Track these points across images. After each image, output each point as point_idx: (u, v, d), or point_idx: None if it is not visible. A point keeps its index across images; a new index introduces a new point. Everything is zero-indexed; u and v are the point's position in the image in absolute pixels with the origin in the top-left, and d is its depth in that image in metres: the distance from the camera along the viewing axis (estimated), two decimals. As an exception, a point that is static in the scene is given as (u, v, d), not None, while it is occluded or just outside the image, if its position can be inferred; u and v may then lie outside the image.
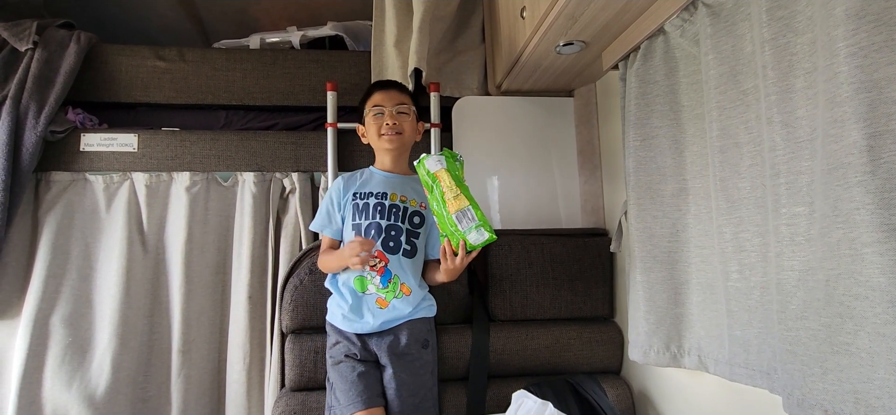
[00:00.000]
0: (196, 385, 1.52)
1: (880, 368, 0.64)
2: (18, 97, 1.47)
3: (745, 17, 0.92)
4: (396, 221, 1.26)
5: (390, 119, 1.29)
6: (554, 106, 1.68)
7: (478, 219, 1.11)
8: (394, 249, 1.24)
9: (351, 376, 1.19)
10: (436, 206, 1.15)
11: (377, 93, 1.33)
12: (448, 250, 1.15)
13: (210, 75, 1.65)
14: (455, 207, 1.11)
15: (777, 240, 0.81)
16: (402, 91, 1.36)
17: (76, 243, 1.50)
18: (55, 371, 1.42)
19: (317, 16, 2.03)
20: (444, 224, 1.14)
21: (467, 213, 1.11)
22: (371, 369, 1.22)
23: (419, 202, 1.30)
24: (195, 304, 1.53)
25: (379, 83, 1.38)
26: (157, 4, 2.08)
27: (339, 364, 1.22)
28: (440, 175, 1.14)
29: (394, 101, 1.31)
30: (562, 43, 1.27)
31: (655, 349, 1.15)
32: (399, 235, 1.25)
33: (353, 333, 1.23)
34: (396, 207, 1.27)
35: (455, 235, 1.13)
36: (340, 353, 1.23)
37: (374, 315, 1.22)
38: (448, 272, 1.18)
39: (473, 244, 1.12)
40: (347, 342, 1.23)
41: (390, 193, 1.28)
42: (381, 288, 1.23)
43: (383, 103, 1.30)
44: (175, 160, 1.57)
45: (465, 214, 1.11)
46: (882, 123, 0.64)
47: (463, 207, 1.11)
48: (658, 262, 1.14)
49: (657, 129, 1.15)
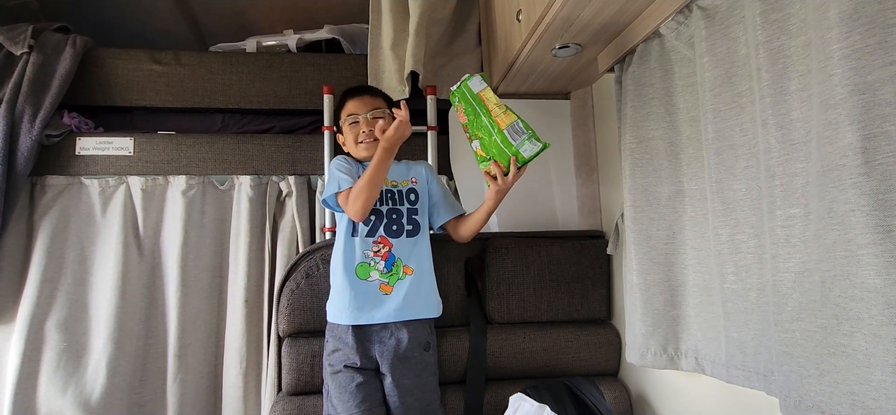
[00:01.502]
0: (192, 390, 1.51)
1: (877, 369, 0.65)
2: (14, 101, 1.47)
3: (739, 20, 0.92)
4: (395, 205, 1.28)
5: (366, 126, 1.31)
6: (550, 109, 1.68)
7: (527, 131, 1.09)
8: (397, 233, 1.25)
9: (350, 386, 1.18)
10: (481, 128, 1.12)
11: (350, 101, 1.35)
12: (497, 171, 1.14)
13: (206, 79, 1.65)
14: (506, 121, 1.10)
15: (773, 242, 0.81)
16: (375, 95, 1.39)
17: (71, 248, 1.49)
18: (50, 376, 1.41)
19: (313, 19, 2.03)
20: (491, 144, 1.12)
21: (516, 126, 1.09)
22: (371, 378, 1.22)
23: (410, 178, 1.32)
24: (191, 308, 1.52)
25: (350, 91, 1.39)
26: (154, 8, 2.08)
27: (337, 374, 1.21)
28: (485, 95, 1.12)
29: (367, 106, 1.33)
30: (558, 46, 1.28)
31: (652, 351, 1.15)
32: (400, 217, 1.27)
33: (355, 325, 1.21)
34: (391, 191, 1.29)
35: (505, 153, 1.11)
36: (339, 362, 1.22)
37: (378, 306, 1.21)
38: (499, 193, 1.17)
39: (526, 157, 1.10)
40: (347, 349, 1.21)
41: None
42: (385, 273, 1.23)
43: (357, 111, 1.33)
44: (171, 164, 1.56)
45: (515, 128, 1.09)
46: (876, 125, 0.64)
47: (512, 120, 1.09)
48: (655, 264, 1.15)
49: (653, 131, 1.15)
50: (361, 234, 1.24)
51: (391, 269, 1.23)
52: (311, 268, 1.36)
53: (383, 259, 1.23)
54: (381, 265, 1.23)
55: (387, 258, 1.23)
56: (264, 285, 1.55)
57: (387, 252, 1.23)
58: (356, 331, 1.22)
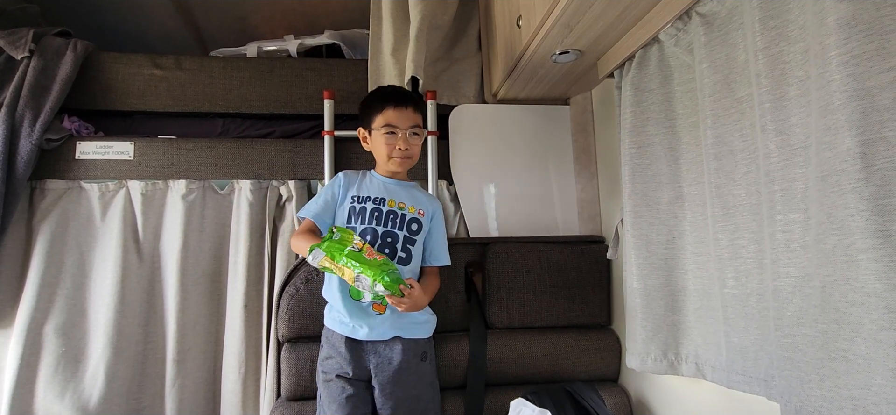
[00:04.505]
0: (191, 395, 1.51)
1: (877, 374, 0.65)
2: (14, 105, 1.47)
3: (738, 27, 0.93)
4: (393, 228, 1.25)
5: (404, 143, 1.24)
6: (550, 114, 1.69)
7: (371, 276, 1.08)
8: (389, 256, 1.22)
9: (340, 397, 1.18)
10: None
11: (392, 110, 1.24)
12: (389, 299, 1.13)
13: (207, 83, 1.65)
14: (350, 279, 1.10)
15: (773, 246, 0.81)
16: (418, 109, 1.28)
17: (71, 252, 1.49)
18: (48, 381, 1.40)
19: (314, 24, 2.04)
20: None
21: (360, 279, 1.09)
22: (361, 390, 1.21)
23: (418, 209, 1.29)
24: (190, 313, 1.52)
25: (394, 98, 1.26)
26: (155, 13, 2.09)
27: (329, 382, 1.21)
28: (325, 266, 1.12)
29: (409, 122, 1.25)
30: (558, 51, 1.28)
31: (653, 357, 1.15)
32: (395, 242, 1.24)
33: (349, 338, 1.20)
34: (394, 213, 1.26)
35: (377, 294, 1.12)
36: (332, 370, 1.21)
37: (371, 325, 1.20)
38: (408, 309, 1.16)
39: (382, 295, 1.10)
40: (340, 358, 1.21)
41: (389, 199, 1.27)
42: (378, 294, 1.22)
43: (398, 124, 1.24)
44: (171, 168, 1.56)
45: (359, 281, 1.09)
46: (875, 131, 0.64)
47: (353, 277, 1.09)
48: (655, 269, 1.15)
49: (653, 136, 1.15)
50: None
51: None
52: (310, 273, 1.36)
53: None
54: None
55: None
56: (264, 290, 1.54)
57: None
58: (350, 342, 1.21)
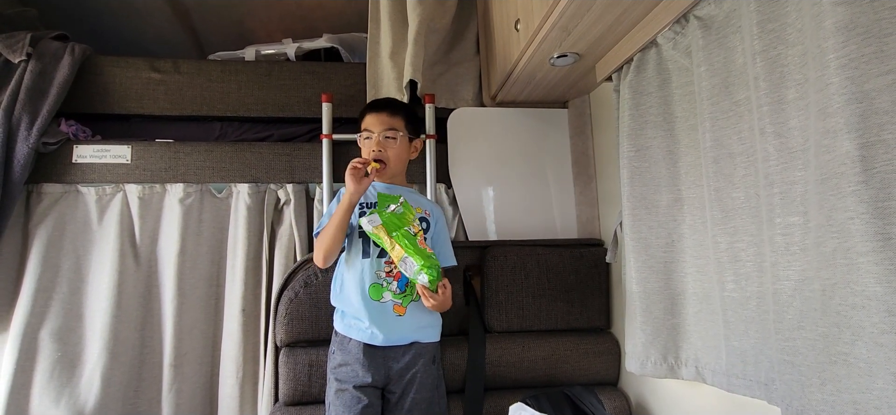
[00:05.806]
0: (188, 400, 1.50)
1: (878, 377, 0.64)
2: (11, 109, 1.46)
3: (736, 30, 0.93)
4: None
5: (376, 145, 1.26)
6: (548, 117, 1.69)
7: (419, 264, 1.10)
8: None
9: (355, 408, 1.17)
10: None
11: (369, 115, 1.30)
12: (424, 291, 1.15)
13: (205, 87, 1.64)
14: (397, 257, 1.12)
15: (772, 250, 0.81)
16: (394, 113, 1.31)
17: (67, 256, 1.48)
18: (44, 386, 1.39)
19: (312, 28, 2.04)
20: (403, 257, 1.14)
21: (407, 261, 1.11)
22: (375, 399, 1.20)
23: (424, 210, 1.30)
24: (188, 317, 1.51)
25: (371, 105, 1.34)
26: (152, 16, 2.09)
27: (343, 392, 1.19)
28: (377, 233, 1.14)
29: (383, 125, 1.28)
30: (556, 55, 1.28)
31: (652, 360, 1.14)
32: None
33: (368, 344, 1.20)
34: None
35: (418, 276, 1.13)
36: (348, 379, 1.20)
37: (389, 328, 1.20)
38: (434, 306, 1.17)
39: (423, 284, 1.12)
40: (357, 365, 1.19)
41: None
42: (398, 293, 1.21)
43: (372, 128, 1.28)
44: (169, 172, 1.55)
45: (405, 262, 1.11)
46: (874, 133, 0.64)
47: (401, 256, 1.11)
48: (654, 272, 1.14)
49: (651, 139, 1.15)
50: (373, 255, 1.22)
51: (405, 289, 1.22)
52: (309, 277, 1.36)
53: (396, 279, 1.21)
54: (393, 286, 1.21)
55: (400, 278, 1.21)
56: (262, 294, 1.53)
57: (399, 273, 1.21)
58: (368, 348, 1.20)
